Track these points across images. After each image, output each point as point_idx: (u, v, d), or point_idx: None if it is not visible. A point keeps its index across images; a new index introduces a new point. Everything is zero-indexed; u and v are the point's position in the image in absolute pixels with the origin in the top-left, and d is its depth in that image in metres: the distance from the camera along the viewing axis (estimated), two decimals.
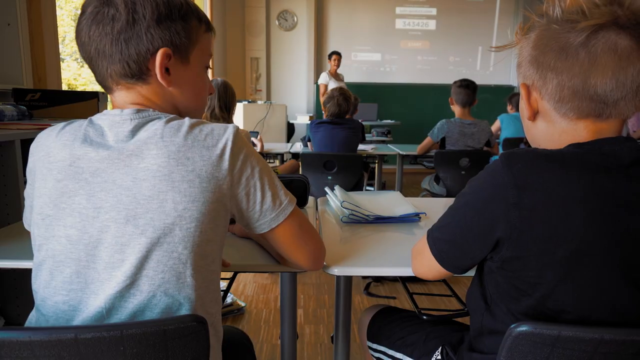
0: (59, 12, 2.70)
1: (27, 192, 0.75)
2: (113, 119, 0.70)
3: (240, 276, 2.75)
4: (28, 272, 0.72)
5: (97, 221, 0.65)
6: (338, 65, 5.68)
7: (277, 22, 6.64)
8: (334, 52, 5.65)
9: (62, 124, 0.72)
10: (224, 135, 0.69)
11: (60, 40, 2.76)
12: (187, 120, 0.70)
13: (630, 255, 0.61)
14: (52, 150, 0.69)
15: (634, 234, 0.61)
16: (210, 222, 0.68)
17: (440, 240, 0.76)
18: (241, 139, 0.71)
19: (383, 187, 4.20)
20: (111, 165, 0.66)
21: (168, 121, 0.69)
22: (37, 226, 0.68)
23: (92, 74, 0.75)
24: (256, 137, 3.30)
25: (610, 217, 0.61)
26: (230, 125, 0.71)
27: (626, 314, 0.64)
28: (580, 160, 0.64)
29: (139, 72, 0.71)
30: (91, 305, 0.65)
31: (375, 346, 1.07)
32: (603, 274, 0.62)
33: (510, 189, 0.63)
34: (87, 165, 0.66)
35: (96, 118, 0.72)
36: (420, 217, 1.25)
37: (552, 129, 0.72)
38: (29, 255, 0.71)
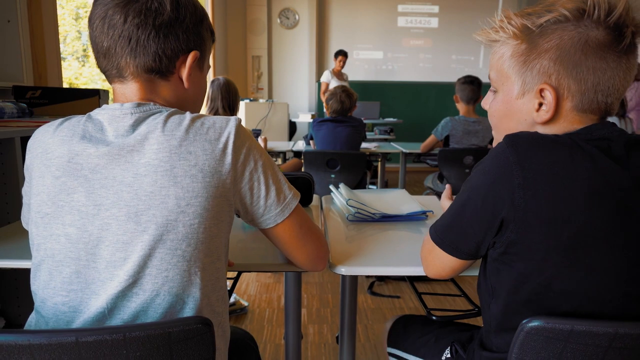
0: (60, 11, 2.68)
1: (25, 190, 0.73)
2: (113, 113, 0.68)
3: (242, 275, 2.73)
4: (29, 272, 0.70)
5: (97, 219, 0.63)
6: (343, 66, 5.64)
7: (278, 20, 6.62)
8: (342, 53, 5.58)
9: (60, 120, 0.70)
10: (226, 128, 0.68)
11: (61, 39, 2.74)
12: (188, 114, 0.69)
13: (635, 238, 0.62)
14: (50, 146, 0.67)
15: (637, 215, 0.61)
16: (214, 218, 0.66)
17: (442, 227, 0.76)
18: (244, 132, 0.70)
19: (386, 185, 4.18)
20: (111, 161, 0.64)
21: (169, 115, 0.68)
22: (35, 225, 0.66)
23: (93, 73, 0.73)
24: (260, 137, 3.26)
25: (614, 199, 0.61)
26: (232, 118, 0.70)
27: (633, 297, 0.63)
28: (580, 143, 0.64)
29: (165, 69, 0.72)
30: (92, 305, 0.63)
31: (392, 351, 1.09)
32: (608, 256, 0.62)
33: (515, 170, 0.63)
34: (86, 161, 0.65)
35: (95, 113, 0.70)
36: (427, 215, 1.23)
37: (551, 129, 0.72)
38: (30, 255, 0.69)
